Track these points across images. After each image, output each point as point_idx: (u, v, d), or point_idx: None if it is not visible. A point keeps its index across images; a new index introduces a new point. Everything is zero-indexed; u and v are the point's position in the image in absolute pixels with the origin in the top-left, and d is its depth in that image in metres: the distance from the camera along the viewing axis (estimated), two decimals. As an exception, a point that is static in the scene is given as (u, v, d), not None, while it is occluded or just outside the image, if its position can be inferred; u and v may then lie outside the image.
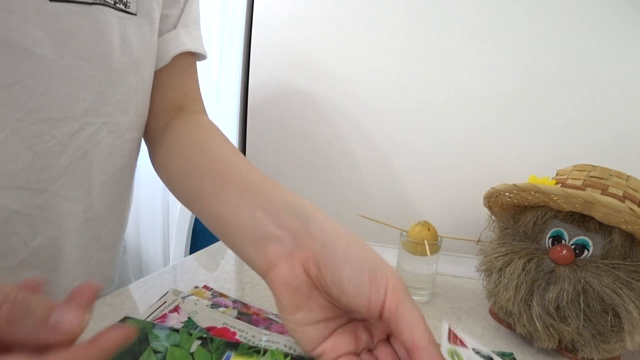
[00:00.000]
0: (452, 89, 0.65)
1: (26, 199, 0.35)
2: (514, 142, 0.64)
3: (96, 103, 0.38)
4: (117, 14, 0.37)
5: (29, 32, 0.31)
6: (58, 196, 0.38)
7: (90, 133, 0.38)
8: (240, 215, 0.33)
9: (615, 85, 0.60)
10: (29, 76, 0.33)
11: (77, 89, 0.36)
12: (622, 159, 0.55)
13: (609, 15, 0.59)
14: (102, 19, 0.36)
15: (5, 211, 0.34)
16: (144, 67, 0.43)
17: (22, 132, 0.34)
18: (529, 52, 0.62)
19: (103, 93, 0.38)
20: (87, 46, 0.35)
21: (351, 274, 0.28)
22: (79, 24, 0.34)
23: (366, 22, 0.67)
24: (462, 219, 0.66)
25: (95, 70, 0.37)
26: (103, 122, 0.39)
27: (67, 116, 0.36)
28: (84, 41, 0.35)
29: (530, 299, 0.42)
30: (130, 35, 0.39)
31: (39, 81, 0.33)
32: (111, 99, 0.39)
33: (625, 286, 0.39)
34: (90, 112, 0.38)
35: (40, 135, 0.35)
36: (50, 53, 0.33)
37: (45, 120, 0.35)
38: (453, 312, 0.53)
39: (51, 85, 0.34)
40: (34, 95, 0.33)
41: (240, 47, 0.74)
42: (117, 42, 0.38)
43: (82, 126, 0.38)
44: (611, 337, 0.39)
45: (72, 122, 0.37)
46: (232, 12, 1.22)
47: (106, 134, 0.40)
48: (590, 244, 0.42)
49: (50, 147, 0.36)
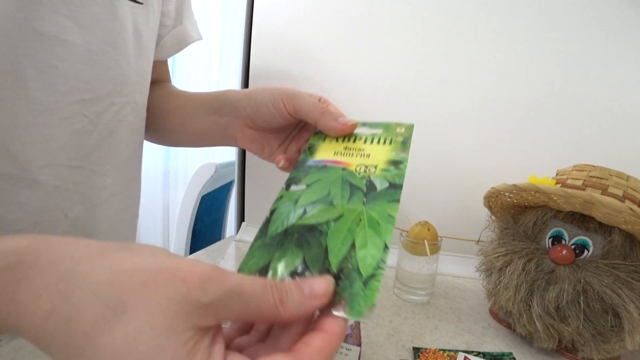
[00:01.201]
0: (453, 90, 0.65)
1: (65, 175, 0.40)
2: (514, 142, 0.64)
3: (119, 84, 0.43)
4: (129, 3, 0.42)
5: (57, 20, 0.35)
6: (90, 171, 0.42)
7: (115, 112, 0.43)
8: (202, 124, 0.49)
9: (615, 85, 0.60)
10: (62, 60, 0.36)
11: (103, 71, 0.40)
12: (622, 159, 0.54)
13: (609, 15, 0.59)
14: (119, 8, 0.40)
15: (48, 187, 0.38)
16: (150, 51, 0.48)
17: (59, 113, 0.38)
18: (529, 52, 0.62)
19: (124, 75, 0.43)
20: (108, 33, 0.40)
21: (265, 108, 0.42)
22: (101, 12, 0.39)
23: (366, 22, 0.67)
24: (462, 219, 0.66)
25: (117, 54, 0.41)
26: (126, 102, 0.44)
27: (95, 97, 0.40)
28: (105, 28, 0.39)
29: (530, 299, 0.42)
30: (140, 23, 0.44)
31: (71, 65, 0.37)
32: (130, 80, 0.44)
33: (625, 286, 0.39)
34: (114, 93, 0.42)
35: (74, 115, 0.39)
36: (78, 39, 0.37)
37: (77, 101, 0.39)
38: (453, 312, 0.53)
39: (81, 69, 0.38)
40: (67, 79, 0.37)
41: (240, 47, 0.74)
42: (131, 29, 0.43)
43: (108, 106, 0.42)
44: (611, 337, 0.39)
45: (99, 102, 0.41)
46: (232, 12, 1.22)
47: (128, 112, 0.45)
48: (590, 244, 0.42)
49: (83, 126, 0.40)
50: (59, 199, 0.40)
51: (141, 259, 0.19)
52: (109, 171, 0.44)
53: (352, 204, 0.29)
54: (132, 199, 0.50)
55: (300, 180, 0.32)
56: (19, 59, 0.34)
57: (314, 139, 0.38)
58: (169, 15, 0.52)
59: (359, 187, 0.30)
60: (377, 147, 0.35)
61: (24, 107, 0.35)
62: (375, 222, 0.27)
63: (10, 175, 0.36)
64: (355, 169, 0.32)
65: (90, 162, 0.42)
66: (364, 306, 0.22)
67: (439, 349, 0.43)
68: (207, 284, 0.18)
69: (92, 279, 0.18)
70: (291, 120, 0.42)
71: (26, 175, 0.37)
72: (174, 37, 0.53)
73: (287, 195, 0.31)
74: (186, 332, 0.17)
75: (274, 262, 0.25)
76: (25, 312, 0.18)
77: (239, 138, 0.47)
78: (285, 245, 0.26)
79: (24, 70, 0.34)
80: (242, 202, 0.77)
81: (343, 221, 0.27)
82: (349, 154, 0.34)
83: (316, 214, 0.28)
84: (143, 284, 0.18)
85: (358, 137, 0.36)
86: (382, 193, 0.29)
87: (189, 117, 0.51)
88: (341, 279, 0.23)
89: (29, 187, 0.37)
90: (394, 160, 0.33)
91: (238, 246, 0.72)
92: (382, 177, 0.31)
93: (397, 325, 0.48)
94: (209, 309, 0.18)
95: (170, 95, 0.56)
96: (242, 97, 0.45)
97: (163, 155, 1.71)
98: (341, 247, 0.25)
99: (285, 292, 0.21)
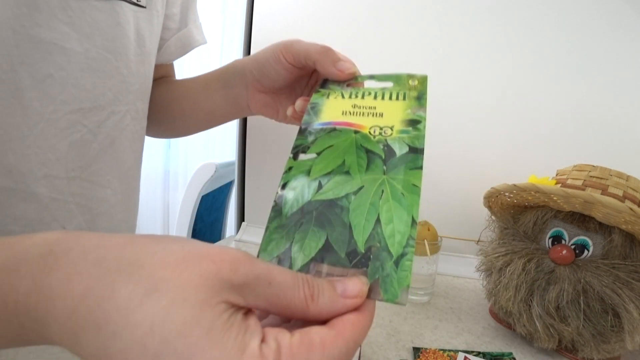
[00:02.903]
0: (453, 89, 0.65)
1: (62, 187, 0.38)
2: (514, 142, 0.64)
3: (120, 92, 0.41)
4: (131, 7, 0.40)
5: (56, 27, 0.34)
6: (89, 182, 0.41)
7: (116, 121, 0.42)
8: (214, 101, 0.50)
9: (615, 85, 0.60)
10: (60, 69, 0.35)
11: (103, 79, 0.39)
12: (622, 159, 0.54)
13: (609, 15, 0.59)
14: (120, 13, 0.38)
15: (45, 199, 0.37)
16: (152, 57, 0.46)
17: (57, 123, 0.36)
18: (529, 52, 0.62)
19: (125, 82, 0.41)
20: (109, 39, 0.38)
21: (269, 66, 0.41)
22: (101, 18, 0.37)
23: (366, 22, 0.67)
24: (462, 219, 0.66)
25: (118, 61, 0.40)
26: (127, 110, 0.43)
27: (95, 106, 0.39)
28: (106, 35, 0.38)
29: (530, 299, 0.42)
30: (143, 27, 0.42)
31: (69, 74, 0.36)
32: (131, 87, 0.42)
33: (625, 286, 0.39)
34: (115, 101, 0.41)
35: (73, 125, 0.37)
36: (77, 46, 0.35)
37: (76, 110, 0.37)
38: (453, 312, 0.53)
39: (80, 77, 0.37)
40: (65, 87, 0.36)
41: (240, 47, 0.74)
42: (133, 35, 0.41)
43: (108, 115, 0.41)
44: (611, 337, 0.39)
45: (100, 111, 0.39)
46: (232, 12, 1.22)
47: (130, 121, 0.44)
48: (590, 244, 0.42)
49: (82, 136, 0.38)
50: (57, 211, 0.38)
51: (171, 244, 0.19)
52: (109, 182, 0.43)
53: (371, 173, 0.26)
54: (131, 209, 0.50)
55: (308, 147, 0.29)
56: (15, 68, 0.32)
57: (316, 97, 0.34)
58: (173, 18, 0.50)
59: (377, 153, 0.27)
60: (389, 104, 0.31)
61: (19, 117, 0.34)
62: (399, 193, 0.25)
63: (4, 187, 0.35)
64: (369, 132, 0.29)
65: (90, 173, 0.40)
66: (399, 288, 0.21)
67: (439, 349, 0.43)
68: (237, 266, 0.18)
69: (123, 262, 0.18)
70: (296, 72, 0.40)
71: (22, 187, 0.35)
72: (179, 40, 0.52)
73: (296, 166, 0.28)
74: (219, 305, 0.17)
75: (295, 245, 0.23)
76: (56, 298, 0.17)
77: (251, 105, 0.46)
78: (304, 225, 0.24)
79: (20, 80, 0.33)
80: (242, 202, 0.77)
81: (364, 194, 0.25)
82: (359, 112, 0.31)
83: (333, 187, 0.26)
84: (174, 264, 0.18)
85: (367, 93, 0.32)
86: (402, 159, 0.27)
87: (200, 98, 0.51)
88: (370, 259, 0.22)
89: (25, 199, 0.36)
90: (411, 119, 0.29)
91: (238, 246, 0.72)
92: (401, 140, 0.28)
93: (397, 325, 0.48)
94: (238, 290, 0.18)
95: (175, 83, 0.55)
96: (247, 62, 0.45)
97: (163, 156, 1.71)
98: (366, 224, 0.23)
99: (317, 288, 0.20)
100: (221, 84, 0.49)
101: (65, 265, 0.18)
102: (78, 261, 0.18)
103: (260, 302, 0.19)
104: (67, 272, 0.18)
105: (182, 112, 0.53)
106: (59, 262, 0.18)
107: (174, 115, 0.54)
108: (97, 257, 0.18)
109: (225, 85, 0.48)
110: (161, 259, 0.18)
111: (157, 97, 0.51)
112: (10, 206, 0.35)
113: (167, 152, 1.73)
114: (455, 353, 0.42)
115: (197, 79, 0.53)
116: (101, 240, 0.19)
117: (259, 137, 0.74)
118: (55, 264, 0.18)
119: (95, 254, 0.18)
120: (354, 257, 0.23)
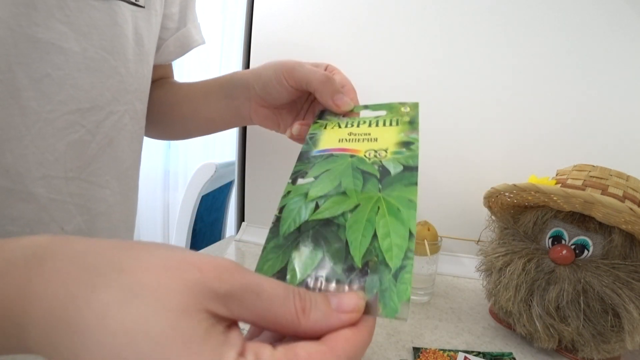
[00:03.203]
0: (453, 89, 0.65)
1: (61, 187, 0.38)
2: (514, 142, 0.64)
3: (118, 92, 0.41)
4: (129, 7, 0.40)
5: (53, 27, 0.33)
6: (88, 182, 0.40)
7: (115, 121, 0.41)
8: (216, 108, 0.50)
9: (615, 85, 0.60)
10: (57, 69, 0.35)
11: (101, 79, 0.39)
12: (622, 159, 0.54)
13: (609, 15, 0.59)
14: (118, 13, 0.38)
15: (44, 200, 0.37)
16: (150, 57, 0.46)
17: (55, 123, 0.36)
18: (530, 52, 0.62)
19: (123, 82, 0.41)
20: (107, 39, 0.38)
21: (271, 85, 0.42)
22: (99, 17, 0.37)
23: (367, 22, 0.67)
24: (462, 219, 0.66)
25: (116, 61, 0.39)
26: (125, 110, 0.42)
27: (94, 106, 0.39)
28: (104, 34, 0.37)
29: (530, 299, 0.42)
30: (141, 27, 0.42)
31: (67, 73, 0.35)
32: (130, 87, 0.42)
33: (625, 286, 0.39)
34: (113, 101, 0.41)
35: (71, 125, 0.37)
36: (75, 46, 0.35)
37: (74, 110, 0.37)
38: (453, 312, 0.53)
39: (78, 77, 0.36)
40: (63, 87, 0.35)
41: (240, 47, 0.74)
42: (131, 34, 0.41)
43: (107, 115, 0.40)
44: (611, 337, 0.39)
45: (98, 111, 0.39)
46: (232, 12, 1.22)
47: (128, 121, 0.43)
48: (590, 244, 0.42)
49: (80, 136, 0.38)
50: (55, 211, 0.38)
51: (157, 250, 0.19)
52: (108, 182, 0.43)
53: (367, 192, 0.27)
54: (130, 210, 0.49)
55: (306, 172, 0.30)
56: (12, 68, 0.32)
57: (315, 128, 0.36)
58: (172, 17, 0.50)
59: (372, 174, 0.28)
60: (383, 130, 0.33)
61: (17, 117, 0.33)
62: (395, 208, 0.25)
63: (2, 187, 0.34)
64: (364, 155, 0.30)
65: (89, 173, 0.40)
66: (399, 302, 0.20)
67: (439, 349, 0.43)
68: (223, 274, 0.18)
69: (106, 266, 0.18)
70: (297, 94, 0.42)
71: (19, 187, 0.35)
72: (177, 40, 0.52)
73: (294, 190, 0.28)
74: (200, 313, 0.17)
75: (292, 264, 0.23)
76: (35, 299, 0.17)
77: (253, 117, 0.47)
78: (301, 244, 0.24)
79: (18, 79, 0.33)
80: (242, 202, 0.77)
81: (360, 211, 0.25)
82: (354, 139, 0.32)
83: (330, 206, 0.26)
84: (157, 269, 0.17)
85: (362, 121, 0.35)
86: (397, 177, 0.27)
87: (201, 105, 0.51)
88: (368, 274, 0.22)
89: (22, 199, 0.36)
90: (404, 141, 0.31)
91: (238, 246, 0.72)
92: (395, 160, 0.29)
93: (397, 325, 0.48)
94: (223, 300, 0.17)
95: (175, 86, 0.55)
96: (250, 77, 0.45)
97: (163, 156, 1.71)
98: (362, 240, 0.23)
99: (309, 301, 0.19)
100: (223, 94, 0.49)
101: (48, 269, 0.18)
102: (61, 265, 0.18)
103: (247, 314, 0.18)
104: (49, 275, 0.18)
105: (182, 116, 0.53)
106: (43, 266, 0.18)
107: (173, 118, 0.54)
108: (80, 261, 0.18)
109: (227, 95, 0.48)
110: (144, 264, 0.18)
111: (157, 100, 0.50)
112: (8, 207, 0.35)
113: (167, 152, 1.73)
114: (455, 353, 0.42)
115: (197, 86, 0.53)
116: (88, 246, 0.19)
117: (259, 137, 0.74)
118: (40, 267, 0.18)
119: (80, 258, 0.18)
120: (350, 272, 0.22)
